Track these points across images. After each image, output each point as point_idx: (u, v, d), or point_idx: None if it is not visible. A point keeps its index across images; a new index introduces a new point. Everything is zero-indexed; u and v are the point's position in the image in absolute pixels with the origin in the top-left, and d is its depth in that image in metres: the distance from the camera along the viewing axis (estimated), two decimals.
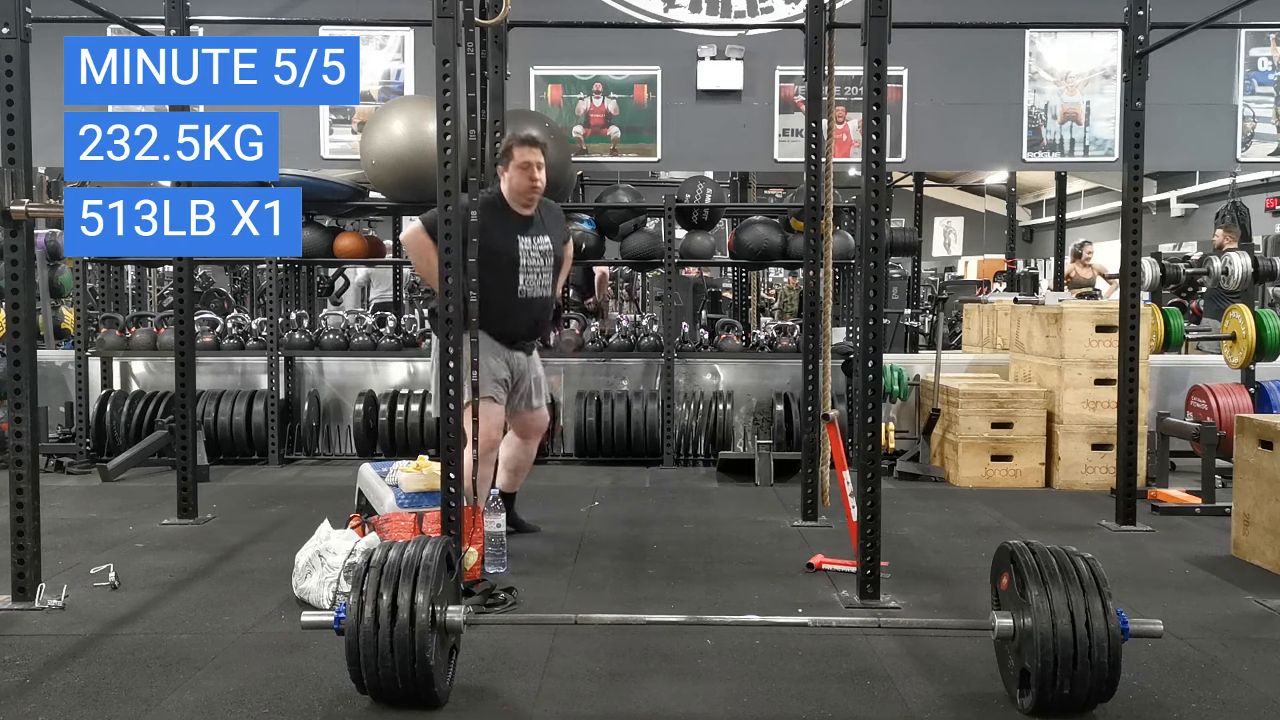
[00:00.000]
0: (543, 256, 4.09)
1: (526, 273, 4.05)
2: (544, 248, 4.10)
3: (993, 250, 17.84)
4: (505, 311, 4.00)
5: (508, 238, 4.02)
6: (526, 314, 4.10)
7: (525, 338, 4.18)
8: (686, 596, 3.64)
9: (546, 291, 4.13)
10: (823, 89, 4.57)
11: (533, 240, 4.08)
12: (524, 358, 4.21)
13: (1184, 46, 5.02)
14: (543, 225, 4.12)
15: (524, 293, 4.05)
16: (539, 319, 4.20)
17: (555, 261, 4.17)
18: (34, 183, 3.53)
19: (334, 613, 2.67)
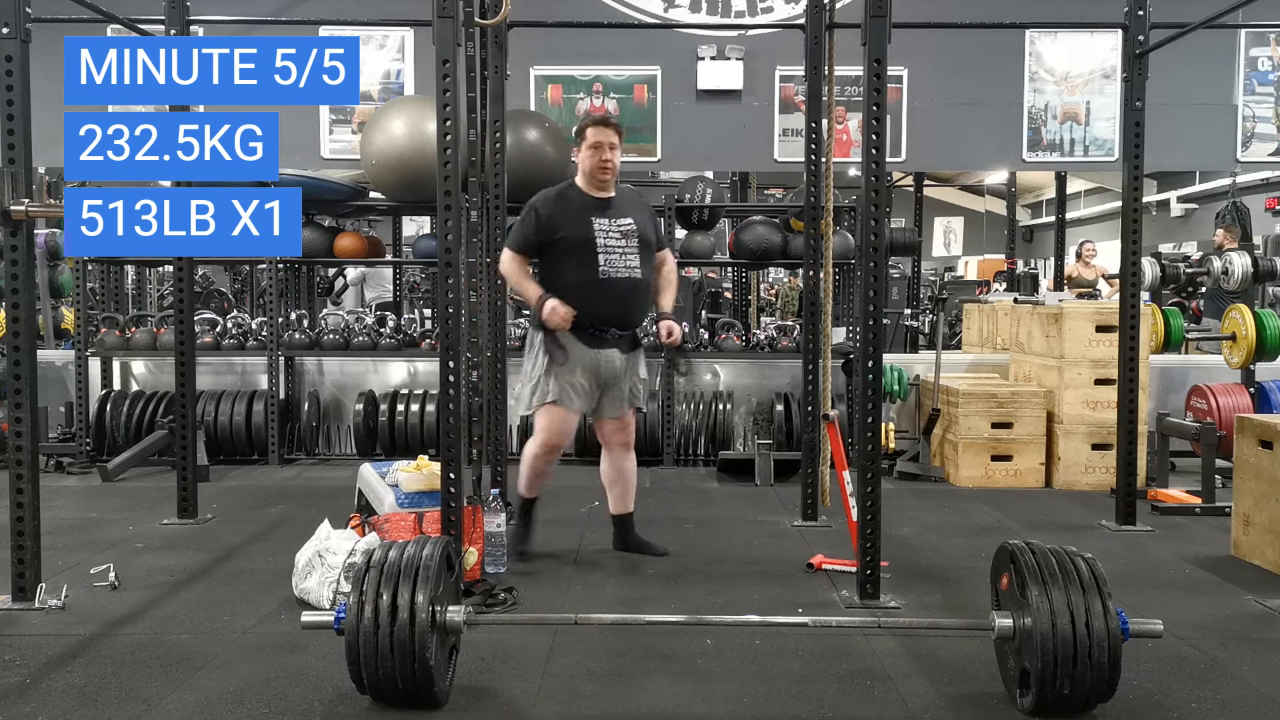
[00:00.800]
0: (624, 236, 3.90)
1: (607, 252, 3.86)
2: (625, 227, 3.92)
3: (993, 250, 17.84)
4: (588, 296, 3.84)
5: (580, 219, 3.89)
6: (611, 296, 3.88)
7: (614, 324, 3.91)
8: (686, 596, 3.64)
9: (635, 273, 3.90)
10: (823, 89, 4.57)
11: (610, 221, 3.91)
12: (617, 358, 3.94)
13: (1184, 46, 5.02)
14: (623, 208, 3.97)
15: (606, 273, 3.85)
16: (628, 303, 3.93)
17: (643, 243, 3.94)
18: (34, 183, 3.53)
19: (334, 613, 2.67)
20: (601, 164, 3.87)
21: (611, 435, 4.09)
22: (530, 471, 4.09)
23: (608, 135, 3.88)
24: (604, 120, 3.94)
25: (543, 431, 3.98)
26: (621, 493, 4.17)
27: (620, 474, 4.14)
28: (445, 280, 3.49)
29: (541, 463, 4.06)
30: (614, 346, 3.92)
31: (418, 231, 10.07)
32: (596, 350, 3.90)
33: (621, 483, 4.15)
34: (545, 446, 3.98)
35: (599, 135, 3.87)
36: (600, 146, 3.87)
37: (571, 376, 3.90)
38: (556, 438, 3.96)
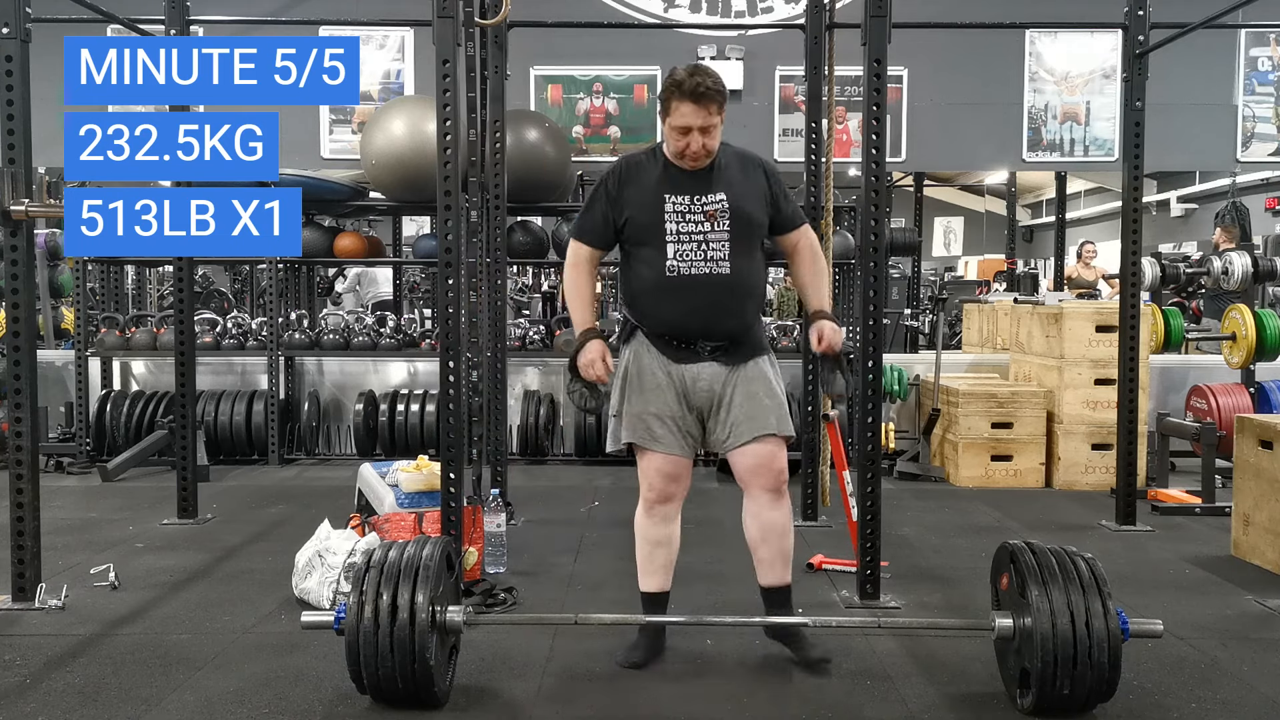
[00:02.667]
0: (709, 219, 2.88)
1: (679, 241, 2.87)
2: (713, 206, 2.88)
3: (993, 250, 17.83)
4: (654, 302, 2.93)
5: (651, 197, 2.91)
6: (684, 303, 2.88)
7: (691, 337, 2.91)
8: (686, 596, 3.63)
9: (720, 268, 2.87)
10: (823, 89, 4.57)
11: (691, 198, 2.88)
12: (714, 373, 2.93)
13: (1184, 46, 5.02)
14: (718, 179, 2.92)
15: (675, 270, 2.87)
16: (711, 311, 2.89)
17: (743, 225, 2.90)
18: (34, 183, 3.53)
19: (334, 613, 2.67)
20: (685, 153, 2.87)
21: (744, 474, 2.99)
22: (640, 543, 3.05)
23: (698, 117, 2.80)
24: (696, 90, 2.79)
25: (642, 483, 3.01)
26: (769, 557, 3.02)
27: (763, 530, 3.00)
28: (445, 280, 3.48)
29: (647, 526, 3.02)
30: (709, 359, 2.93)
31: (418, 231, 10.07)
32: (682, 365, 2.93)
33: (767, 543, 3.01)
34: (644, 502, 3.02)
35: (687, 117, 2.81)
36: (687, 132, 2.83)
37: (646, 404, 2.93)
38: (655, 491, 2.98)
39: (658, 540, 3.02)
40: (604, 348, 2.91)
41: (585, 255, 3.01)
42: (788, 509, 3.02)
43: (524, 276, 11.36)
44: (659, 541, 3.02)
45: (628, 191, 2.94)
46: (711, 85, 2.81)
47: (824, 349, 2.97)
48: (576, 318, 3.01)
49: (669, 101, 2.83)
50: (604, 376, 2.90)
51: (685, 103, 2.80)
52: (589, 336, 2.93)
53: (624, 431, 2.95)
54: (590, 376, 2.90)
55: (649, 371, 2.94)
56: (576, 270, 3.02)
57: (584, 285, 3.02)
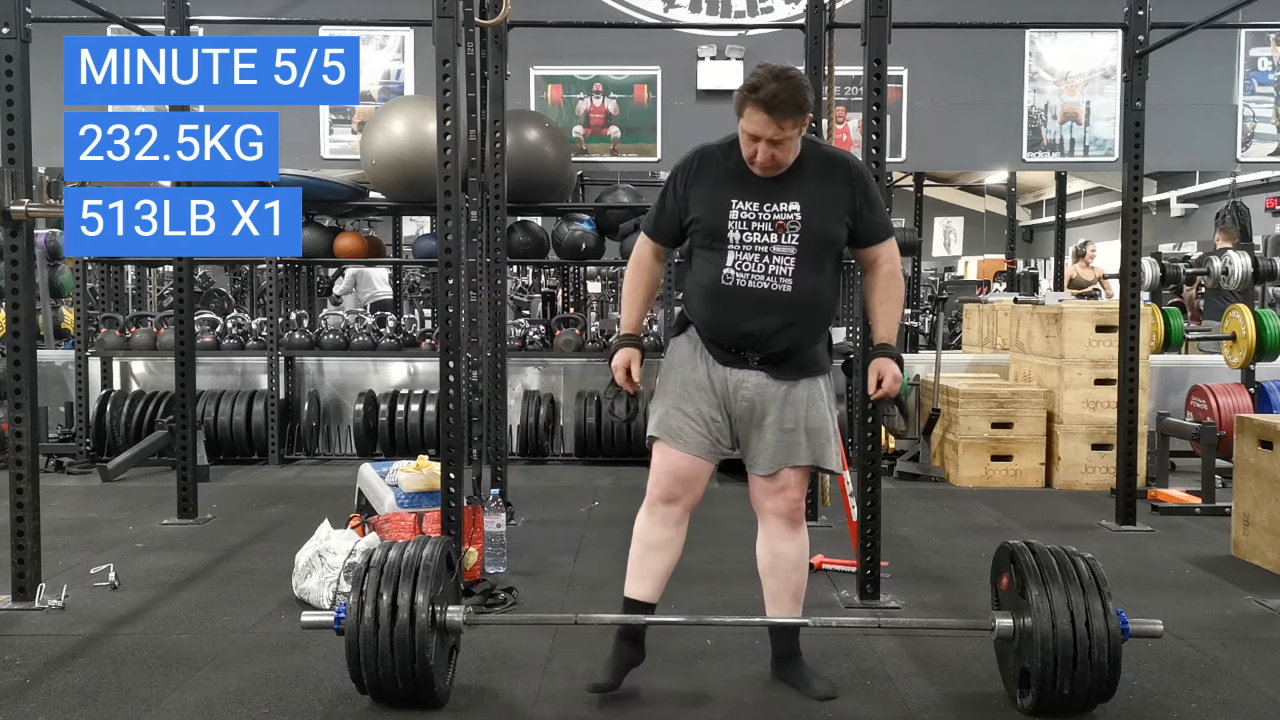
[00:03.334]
0: (778, 230, 2.65)
1: (740, 249, 2.67)
2: (784, 217, 2.65)
3: (993, 250, 17.81)
4: (707, 307, 2.75)
5: (718, 198, 2.70)
6: (736, 313, 2.69)
7: (740, 347, 2.71)
8: (686, 596, 3.63)
9: (781, 285, 2.66)
10: (823, 89, 4.57)
11: (760, 205, 2.67)
12: (761, 384, 2.72)
13: (1184, 46, 5.02)
14: (796, 186, 2.68)
15: (731, 278, 2.67)
16: (764, 326, 2.68)
17: (815, 240, 2.67)
18: (34, 183, 3.53)
19: (334, 613, 2.67)
20: (755, 163, 2.66)
21: (761, 498, 2.82)
22: (635, 543, 2.85)
23: (769, 129, 2.56)
24: (771, 100, 2.53)
25: (650, 479, 2.83)
26: (776, 589, 2.84)
27: (773, 560, 2.83)
28: (445, 280, 3.49)
29: (646, 526, 2.82)
30: (757, 369, 2.73)
31: (418, 231, 10.07)
32: (727, 369, 2.74)
33: (775, 574, 2.83)
34: (648, 499, 2.82)
35: (756, 125, 2.58)
36: (757, 143, 2.61)
37: (681, 399, 2.76)
38: (660, 488, 2.79)
39: (654, 543, 2.80)
40: (634, 355, 2.78)
41: (649, 251, 2.85)
42: (803, 541, 2.83)
43: (524, 276, 11.37)
44: (655, 545, 2.80)
45: (696, 190, 2.74)
46: (789, 97, 2.53)
47: (880, 397, 2.81)
48: (623, 318, 2.89)
49: (742, 104, 2.60)
50: (628, 385, 2.79)
51: (758, 110, 2.55)
52: (624, 343, 2.82)
53: (653, 423, 2.80)
54: (619, 382, 2.80)
55: (691, 367, 2.77)
56: (637, 268, 2.87)
57: (640, 285, 2.87)
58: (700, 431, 2.74)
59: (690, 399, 2.75)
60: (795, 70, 2.60)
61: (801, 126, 2.61)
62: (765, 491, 2.80)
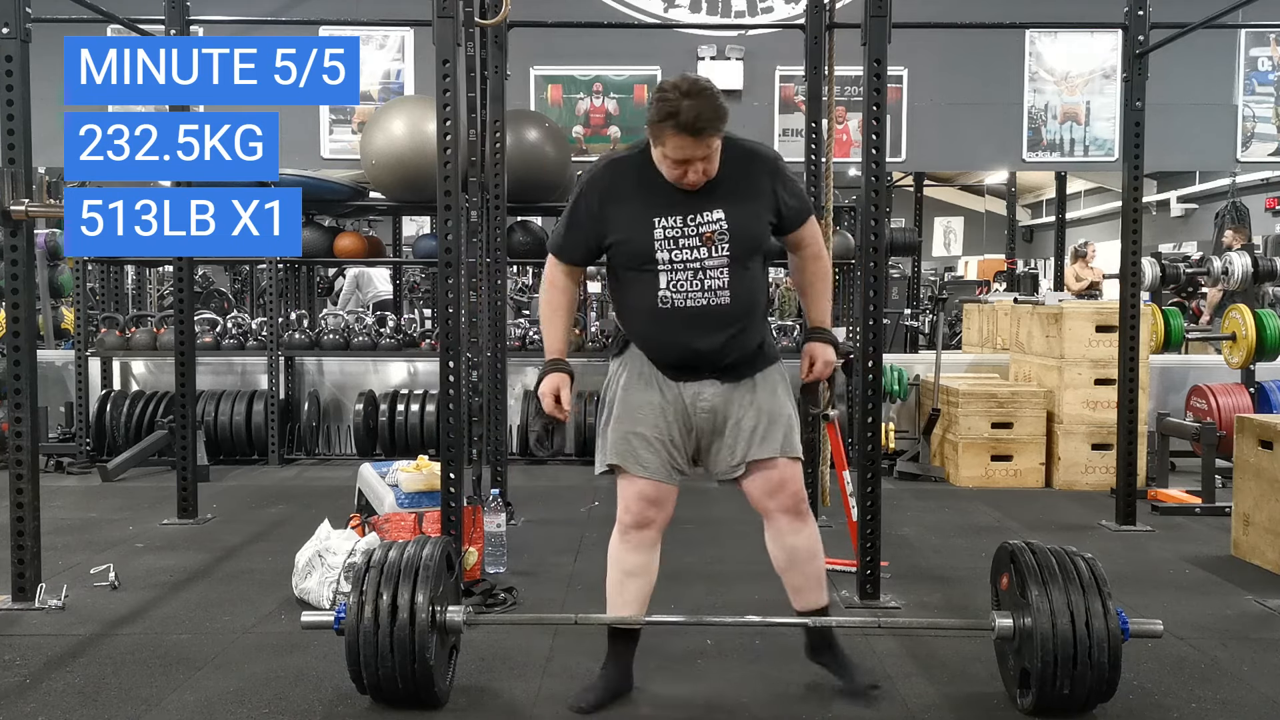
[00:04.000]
0: (706, 242, 2.55)
1: (671, 269, 2.56)
2: (710, 227, 2.55)
3: (993, 250, 17.82)
4: (650, 331, 2.65)
5: (639, 216, 2.58)
6: (678, 334, 2.60)
7: (690, 368, 2.64)
8: (686, 596, 3.64)
9: (719, 299, 2.57)
10: (823, 89, 4.57)
11: (685, 219, 2.55)
12: (718, 389, 2.65)
13: (1184, 46, 5.02)
14: (717, 190, 2.56)
15: (667, 301, 2.58)
16: (711, 341, 2.60)
17: (744, 246, 2.58)
18: (34, 183, 3.53)
19: (334, 613, 2.67)
20: (685, 183, 2.54)
21: (758, 499, 2.74)
22: (611, 570, 2.76)
23: (699, 149, 2.46)
24: (695, 125, 2.41)
25: (619, 505, 2.74)
26: (799, 582, 2.79)
27: (789, 556, 2.76)
28: (445, 280, 3.49)
29: (621, 553, 2.73)
30: (711, 377, 2.66)
31: (418, 231, 10.07)
32: (680, 384, 2.66)
33: (795, 568, 2.78)
34: (619, 526, 2.73)
35: (685, 149, 2.46)
36: (681, 166, 2.50)
37: (634, 423, 2.66)
38: (632, 515, 2.70)
39: (630, 570, 2.71)
40: (564, 381, 2.65)
41: (564, 273, 2.72)
42: (812, 530, 2.77)
43: (524, 276, 11.37)
44: (632, 571, 2.71)
45: (611, 210, 2.60)
46: (710, 113, 2.42)
47: (812, 378, 2.79)
48: (546, 343, 2.74)
49: (661, 132, 2.45)
50: (556, 413, 2.65)
51: (682, 136, 2.43)
52: (551, 368, 2.67)
53: (607, 452, 2.68)
54: (547, 410, 2.65)
55: (641, 388, 2.66)
56: (553, 289, 2.73)
57: (559, 307, 2.73)
58: (660, 454, 2.65)
59: (647, 423, 2.65)
60: (701, 79, 2.49)
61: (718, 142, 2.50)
62: (763, 493, 2.72)
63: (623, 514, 2.72)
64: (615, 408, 2.69)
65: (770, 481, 2.70)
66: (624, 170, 2.62)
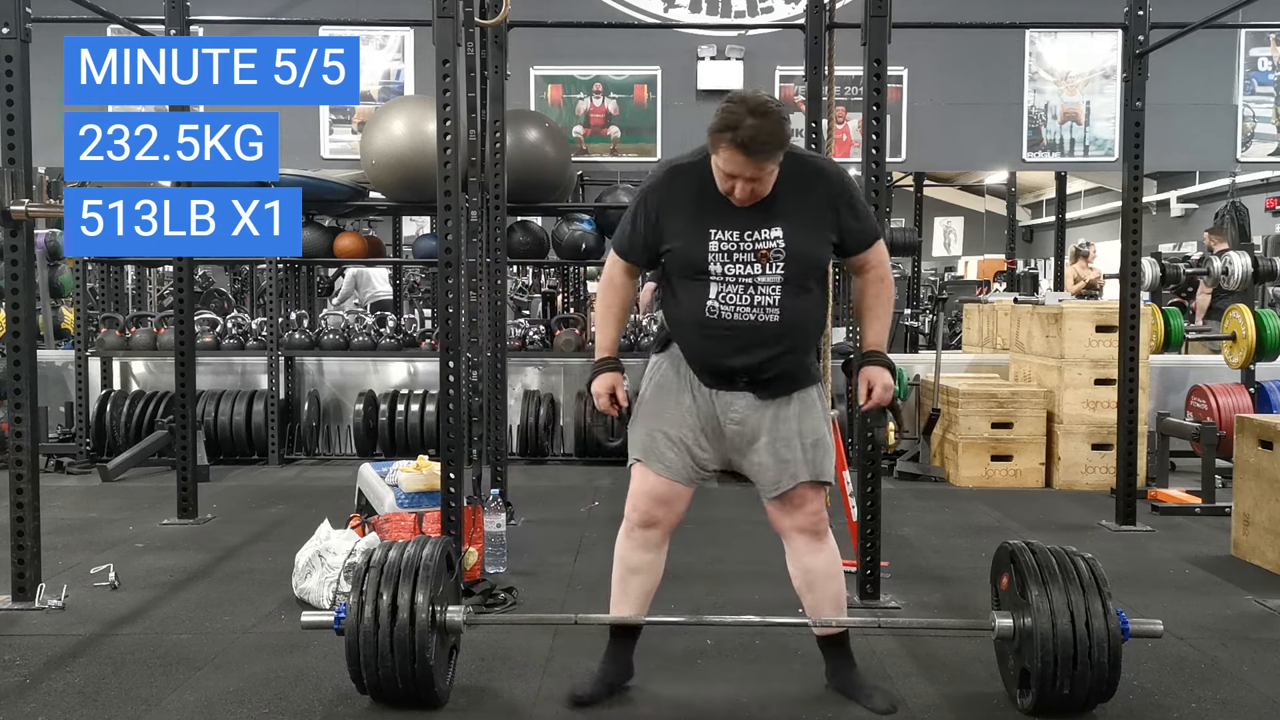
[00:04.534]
0: (761, 259, 2.52)
1: (722, 282, 2.54)
2: (766, 245, 2.52)
3: (993, 250, 17.81)
4: (693, 339, 2.64)
5: (695, 225, 2.56)
6: (720, 345, 2.58)
7: (725, 379, 2.62)
8: (686, 596, 3.64)
9: (769, 315, 2.54)
10: (823, 89, 4.57)
11: (741, 234, 2.53)
12: (751, 403, 2.62)
13: (1184, 46, 5.02)
14: (776, 208, 2.53)
15: (715, 311, 2.55)
16: (755, 356, 2.57)
17: (800, 265, 2.55)
18: (34, 183, 3.53)
19: (334, 613, 2.67)
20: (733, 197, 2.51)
21: (777, 519, 2.73)
22: (616, 566, 2.79)
23: (748, 169, 2.43)
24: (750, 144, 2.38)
25: (628, 502, 2.75)
26: (816, 603, 2.75)
27: (807, 577, 2.74)
28: (445, 280, 3.49)
29: (625, 549, 2.75)
30: (744, 390, 2.63)
31: (418, 231, 10.07)
32: (713, 390, 2.64)
33: (813, 589, 2.74)
34: (626, 523, 2.74)
35: (734, 165, 2.43)
36: (733, 181, 2.47)
37: (662, 421, 2.66)
38: (639, 512, 2.71)
39: (634, 567, 2.73)
40: (617, 380, 2.68)
41: (622, 270, 2.70)
42: (831, 550, 2.73)
43: (524, 276, 11.37)
44: (635, 568, 2.73)
45: (668, 219, 2.59)
46: (769, 138, 2.38)
47: (870, 407, 2.68)
48: (598, 340, 2.75)
49: (717, 143, 2.43)
50: (610, 411, 2.67)
51: (734, 151, 2.39)
52: (603, 367, 2.69)
53: (634, 444, 2.70)
54: (601, 409, 2.69)
55: (675, 388, 2.66)
56: (610, 288, 2.72)
57: (613, 304, 2.73)
58: (683, 456, 2.66)
59: (674, 422, 2.65)
60: (773, 101, 2.44)
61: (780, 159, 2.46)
62: (782, 513, 2.70)
63: (630, 511, 2.73)
64: (649, 403, 2.71)
65: (790, 502, 2.68)
66: (685, 178, 2.60)
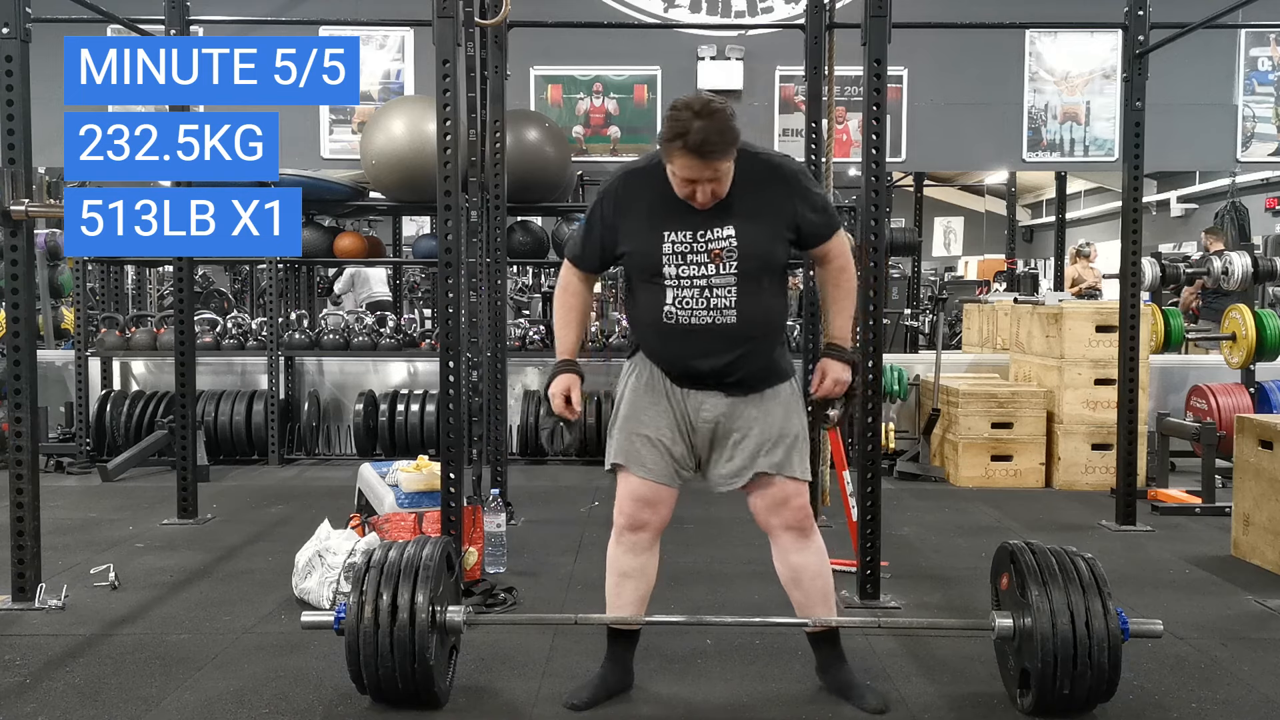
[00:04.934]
0: (715, 259, 2.53)
1: (678, 285, 2.56)
2: (720, 244, 2.53)
3: (993, 250, 17.81)
4: (652, 339, 2.67)
5: (648, 227, 2.57)
6: (680, 349, 2.60)
7: (695, 378, 2.63)
8: (686, 596, 3.64)
9: (725, 317, 2.55)
10: (823, 89, 4.57)
11: (694, 234, 2.54)
12: (720, 401, 2.63)
13: (1184, 46, 5.02)
14: (730, 207, 2.54)
15: (671, 316, 2.57)
16: (716, 357, 2.58)
17: (757, 264, 2.56)
18: (34, 183, 3.53)
19: (334, 613, 2.67)
20: (694, 201, 2.52)
21: (762, 516, 2.72)
22: (609, 573, 2.78)
23: (705, 171, 2.45)
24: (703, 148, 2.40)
25: (615, 507, 2.77)
26: (805, 600, 2.75)
27: (794, 574, 2.74)
28: (445, 280, 3.49)
29: (616, 555, 2.75)
30: (714, 389, 2.65)
31: (418, 231, 10.06)
32: (684, 389, 2.66)
33: (800, 586, 2.74)
34: (615, 528, 2.75)
35: (690, 170, 2.45)
36: (694, 184, 2.48)
37: (639, 424, 2.67)
38: (625, 517, 2.72)
39: (626, 571, 2.73)
40: (574, 381, 2.66)
41: (578, 278, 2.74)
42: (818, 546, 2.74)
43: (524, 276, 11.36)
44: (627, 573, 2.73)
45: (624, 221, 2.61)
46: (719, 137, 2.39)
47: (820, 395, 2.69)
48: (558, 344, 2.74)
49: (670, 151, 2.44)
50: (567, 412, 2.65)
51: (688, 157, 2.42)
52: (562, 369, 2.67)
53: (613, 450, 2.71)
54: (555, 408, 2.65)
55: (648, 390, 2.67)
56: (566, 294, 2.74)
57: (572, 308, 2.74)
58: (661, 455, 2.66)
59: (651, 424, 2.66)
60: (715, 100, 2.45)
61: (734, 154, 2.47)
62: (767, 510, 2.70)
63: (618, 516, 2.74)
64: (624, 408, 2.71)
65: (773, 498, 2.68)
66: (639, 181, 2.61)
